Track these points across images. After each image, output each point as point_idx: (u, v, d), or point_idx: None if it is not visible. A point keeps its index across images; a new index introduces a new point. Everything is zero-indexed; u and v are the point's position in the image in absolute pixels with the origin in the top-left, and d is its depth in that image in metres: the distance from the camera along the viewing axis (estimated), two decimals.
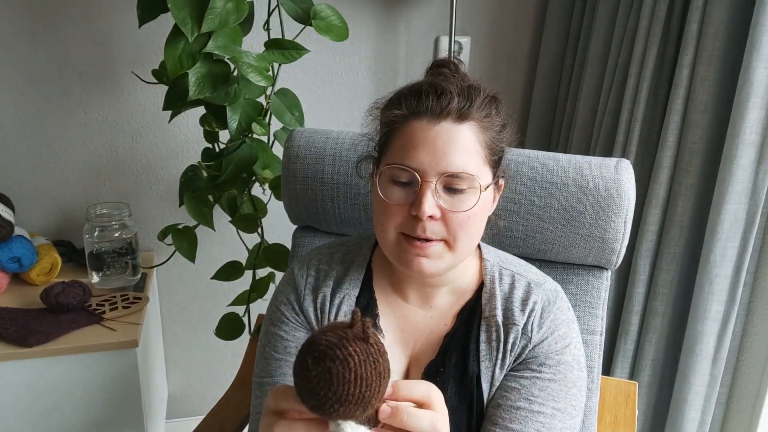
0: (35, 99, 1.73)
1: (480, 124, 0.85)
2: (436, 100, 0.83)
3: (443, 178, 0.83)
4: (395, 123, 0.86)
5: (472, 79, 0.91)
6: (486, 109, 0.86)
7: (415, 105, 0.85)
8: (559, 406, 0.87)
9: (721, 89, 1.40)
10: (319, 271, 0.98)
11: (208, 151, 1.58)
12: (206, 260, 1.91)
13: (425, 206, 0.81)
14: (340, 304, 0.95)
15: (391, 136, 0.87)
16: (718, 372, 1.48)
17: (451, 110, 0.83)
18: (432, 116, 0.84)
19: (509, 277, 0.95)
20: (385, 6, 1.83)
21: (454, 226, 0.84)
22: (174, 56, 1.28)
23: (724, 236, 1.38)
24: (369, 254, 1.00)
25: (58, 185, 1.81)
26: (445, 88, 0.84)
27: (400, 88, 0.90)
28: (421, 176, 0.82)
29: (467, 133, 0.84)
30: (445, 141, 0.83)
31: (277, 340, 0.96)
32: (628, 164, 1.08)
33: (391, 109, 0.88)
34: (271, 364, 0.96)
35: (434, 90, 0.84)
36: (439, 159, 0.82)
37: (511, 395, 0.87)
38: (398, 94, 0.88)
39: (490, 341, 0.91)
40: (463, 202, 0.84)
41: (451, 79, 0.88)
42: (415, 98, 0.85)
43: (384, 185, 0.86)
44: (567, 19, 1.85)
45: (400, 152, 0.84)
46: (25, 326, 1.44)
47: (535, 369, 0.88)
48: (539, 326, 0.90)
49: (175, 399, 2.09)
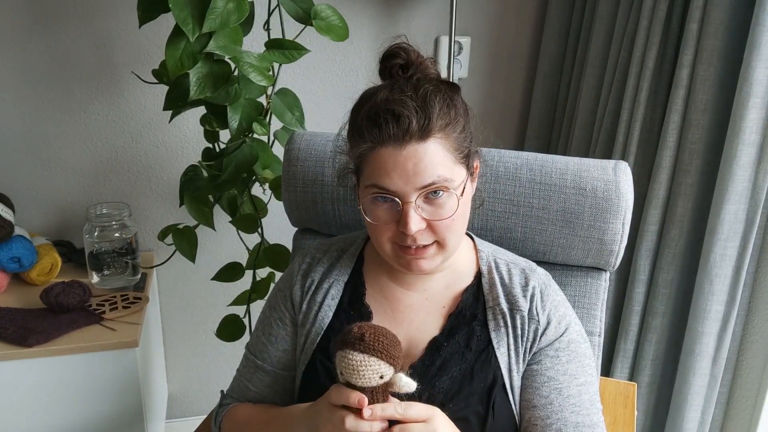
0: (35, 99, 1.73)
1: (443, 133, 0.88)
2: (396, 126, 0.85)
3: (422, 192, 0.87)
4: (363, 154, 0.89)
5: (420, 57, 0.92)
6: (445, 117, 0.88)
7: (377, 135, 0.86)
8: (581, 380, 0.96)
9: (721, 89, 1.40)
10: (314, 258, 1.06)
11: (208, 151, 1.58)
12: (206, 260, 1.91)
13: (411, 225, 0.87)
14: (329, 288, 1.03)
15: (363, 163, 0.90)
16: (718, 372, 1.48)
17: (413, 132, 0.85)
18: (396, 142, 0.86)
19: (505, 266, 1.01)
20: (385, 6, 1.83)
21: (441, 230, 0.90)
22: (175, 56, 1.28)
23: (724, 236, 1.38)
24: (362, 244, 1.07)
25: (58, 185, 1.81)
26: (401, 112, 0.85)
27: (356, 108, 0.91)
28: (401, 198, 0.87)
29: (432, 146, 0.87)
30: (415, 161, 0.86)
31: (269, 325, 1.06)
32: (626, 166, 1.08)
33: (356, 141, 0.90)
34: (258, 345, 1.06)
35: (392, 115, 0.85)
36: (412, 179, 0.86)
37: (543, 390, 0.94)
38: (357, 125, 0.90)
39: (498, 328, 0.96)
40: (445, 209, 0.89)
41: (406, 89, 0.88)
42: (376, 128, 0.86)
43: (368, 207, 0.91)
44: (567, 19, 1.85)
45: (375, 177, 0.88)
46: (25, 326, 1.44)
47: (552, 356, 0.96)
48: (542, 308, 0.97)
49: (175, 399, 2.09)
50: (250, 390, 1.06)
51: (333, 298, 1.02)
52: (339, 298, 1.02)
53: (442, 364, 0.94)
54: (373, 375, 0.78)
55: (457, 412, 0.91)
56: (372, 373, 0.78)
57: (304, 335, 1.01)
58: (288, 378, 1.05)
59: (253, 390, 1.06)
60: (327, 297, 1.02)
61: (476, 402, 0.92)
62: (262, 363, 1.05)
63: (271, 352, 1.05)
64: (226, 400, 1.09)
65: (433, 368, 0.94)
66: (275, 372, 1.05)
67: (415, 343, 0.98)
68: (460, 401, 0.92)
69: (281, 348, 1.04)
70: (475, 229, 1.13)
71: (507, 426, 0.94)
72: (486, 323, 0.97)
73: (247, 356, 1.08)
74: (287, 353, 1.04)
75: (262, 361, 1.05)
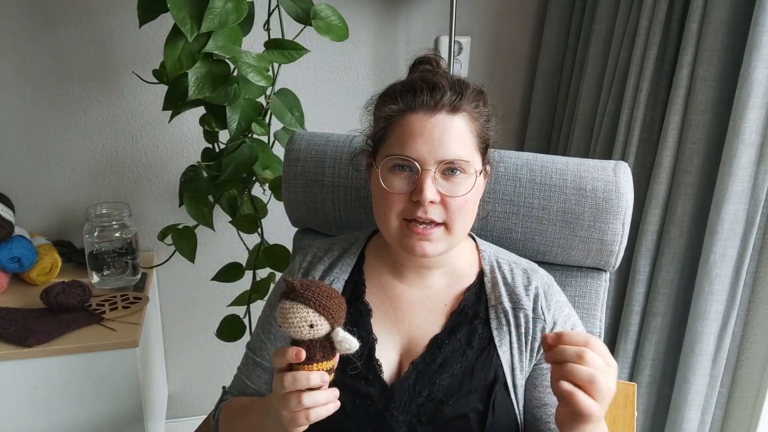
0: (35, 99, 1.73)
1: (470, 115, 0.93)
2: (429, 95, 0.90)
3: (441, 165, 0.90)
4: (392, 117, 0.93)
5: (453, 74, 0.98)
6: (474, 101, 0.93)
7: (410, 100, 0.91)
8: None
9: (721, 89, 1.40)
10: (315, 257, 1.07)
11: (208, 151, 1.58)
12: (206, 260, 1.91)
13: (426, 192, 0.88)
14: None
15: (389, 129, 0.93)
16: (718, 372, 1.48)
17: (445, 103, 0.90)
18: (427, 109, 0.90)
19: (507, 266, 1.02)
20: (385, 6, 1.83)
21: (453, 209, 0.91)
22: (174, 56, 1.28)
23: (724, 236, 1.38)
24: (364, 243, 1.08)
25: (58, 185, 1.81)
26: (437, 83, 0.91)
27: (392, 83, 0.96)
28: (421, 165, 0.89)
29: (460, 123, 0.91)
30: (441, 131, 0.90)
31: (269, 323, 1.07)
32: (626, 167, 1.08)
33: (387, 104, 0.94)
34: (258, 342, 1.07)
35: (428, 85, 0.91)
36: (436, 148, 0.89)
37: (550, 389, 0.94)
38: (392, 90, 0.95)
39: (500, 326, 0.97)
40: (460, 187, 0.91)
41: (439, 74, 0.95)
42: (411, 93, 0.92)
43: (385, 175, 0.92)
44: (567, 18, 1.85)
45: (399, 144, 0.91)
46: (25, 326, 1.44)
47: None
48: (548, 308, 0.98)
49: (175, 399, 2.09)
50: (249, 387, 1.07)
51: None
52: None
53: (443, 362, 0.95)
54: (302, 323, 0.79)
55: (457, 410, 0.92)
56: (300, 321, 0.79)
57: None
58: None
59: (252, 387, 1.07)
60: None
61: (476, 400, 0.93)
62: (261, 360, 1.06)
63: (270, 350, 1.05)
64: (226, 396, 1.11)
65: (434, 365, 0.95)
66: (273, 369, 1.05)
67: (416, 340, 0.98)
68: (460, 398, 0.93)
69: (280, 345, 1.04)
70: (475, 229, 1.13)
71: (507, 424, 0.95)
72: (488, 322, 0.97)
73: (247, 354, 1.09)
74: None
75: (260, 359, 1.06)
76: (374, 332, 0.98)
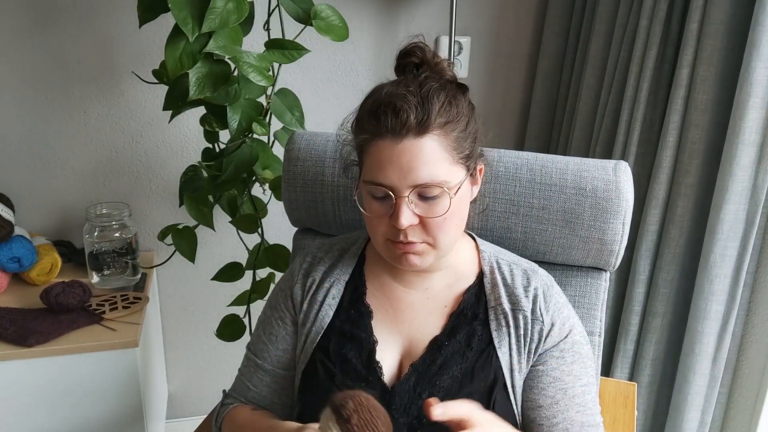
0: (35, 99, 1.73)
1: (441, 131, 0.88)
2: (394, 119, 0.86)
3: (415, 190, 0.88)
4: (363, 145, 0.91)
5: (437, 58, 0.94)
6: (445, 114, 0.88)
7: (375, 127, 0.88)
8: (584, 381, 0.97)
9: (721, 89, 1.40)
10: (315, 258, 1.07)
11: (208, 151, 1.58)
12: (206, 260, 1.91)
13: (401, 219, 0.87)
14: (330, 288, 1.03)
15: (363, 154, 0.92)
16: (718, 372, 1.48)
17: (410, 126, 0.86)
18: (393, 135, 0.87)
19: (507, 266, 1.02)
20: (385, 6, 1.83)
21: (433, 228, 0.90)
22: (174, 56, 1.28)
23: (724, 236, 1.38)
24: (364, 243, 1.07)
25: (58, 185, 1.81)
26: (401, 105, 0.86)
27: (364, 101, 0.93)
28: (394, 192, 0.88)
29: (429, 143, 0.87)
30: (410, 157, 0.86)
31: (269, 325, 1.06)
32: (626, 166, 1.08)
33: (357, 131, 0.92)
34: (259, 344, 1.07)
35: (392, 108, 0.86)
36: (406, 174, 0.87)
37: (549, 390, 0.95)
38: (360, 116, 0.92)
39: (500, 328, 0.97)
40: (438, 206, 0.89)
41: (411, 85, 0.89)
42: (375, 120, 0.88)
43: (365, 200, 0.92)
44: (567, 19, 1.85)
45: (371, 171, 0.89)
46: (25, 326, 1.44)
47: (558, 357, 0.96)
48: (546, 310, 0.97)
49: (175, 399, 2.09)
50: (250, 389, 1.07)
51: (334, 298, 1.02)
52: (339, 297, 1.02)
53: (443, 363, 0.95)
54: None
55: None
56: None
57: (305, 335, 1.02)
58: (288, 378, 1.05)
59: (253, 390, 1.06)
60: (328, 296, 1.02)
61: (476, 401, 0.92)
62: (262, 362, 1.05)
63: (271, 352, 1.05)
64: (228, 400, 1.10)
65: (434, 367, 0.95)
66: (275, 371, 1.05)
67: (416, 342, 0.98)
68: None
69: (281, 347, 1.04)
70: (475, 229, 1.13)
71: None
72: (487, 323, 0.97)
73: (248, 356, 1.09)
74: (287, 353, 1.04)
75: (262, 361, 1.06)
76: (375, 334, 0.98)
